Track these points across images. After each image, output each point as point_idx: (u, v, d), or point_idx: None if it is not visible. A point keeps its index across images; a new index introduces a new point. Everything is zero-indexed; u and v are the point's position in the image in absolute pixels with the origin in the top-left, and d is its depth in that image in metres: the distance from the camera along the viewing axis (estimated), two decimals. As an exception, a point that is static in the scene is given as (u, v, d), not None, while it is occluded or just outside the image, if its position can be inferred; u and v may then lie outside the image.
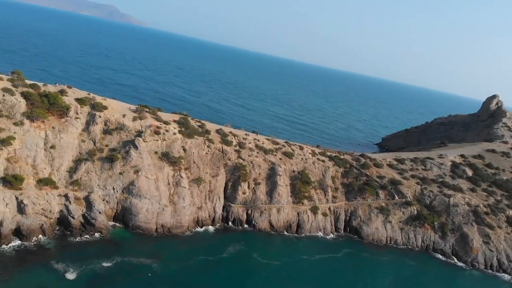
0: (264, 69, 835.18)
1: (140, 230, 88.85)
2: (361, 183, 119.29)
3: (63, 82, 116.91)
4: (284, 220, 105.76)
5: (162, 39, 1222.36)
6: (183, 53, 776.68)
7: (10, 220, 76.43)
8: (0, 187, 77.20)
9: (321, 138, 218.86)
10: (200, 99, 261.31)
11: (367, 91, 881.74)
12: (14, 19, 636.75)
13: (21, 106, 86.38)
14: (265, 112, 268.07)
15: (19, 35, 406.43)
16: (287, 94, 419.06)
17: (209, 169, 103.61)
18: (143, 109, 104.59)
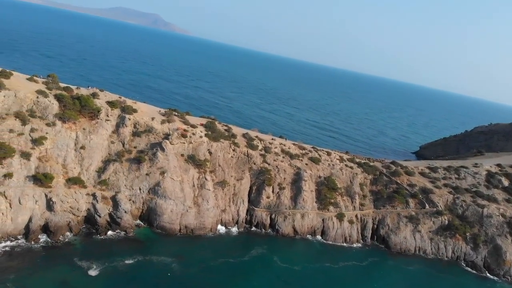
0: (301, 76, 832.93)
1: (164, 230, 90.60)
2: (390, 190, 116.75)
3: (101, 87, 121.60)
4: (308, 225, 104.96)
5: (203, 47, 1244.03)
6: (222, 60, 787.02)
7: (39, 217, 79.81)
8: (31, 185, 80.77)
9: (355, 145, 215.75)
10: (232, 104, 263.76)
11: (406, 98, 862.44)
12: (67, 28, 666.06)
13: (53, 107, 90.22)
14: (298, 118, 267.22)
15: (68, 42, 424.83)
16: (322, 101, 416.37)
17: (234, 173, 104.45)
18: (172, 113, 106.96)
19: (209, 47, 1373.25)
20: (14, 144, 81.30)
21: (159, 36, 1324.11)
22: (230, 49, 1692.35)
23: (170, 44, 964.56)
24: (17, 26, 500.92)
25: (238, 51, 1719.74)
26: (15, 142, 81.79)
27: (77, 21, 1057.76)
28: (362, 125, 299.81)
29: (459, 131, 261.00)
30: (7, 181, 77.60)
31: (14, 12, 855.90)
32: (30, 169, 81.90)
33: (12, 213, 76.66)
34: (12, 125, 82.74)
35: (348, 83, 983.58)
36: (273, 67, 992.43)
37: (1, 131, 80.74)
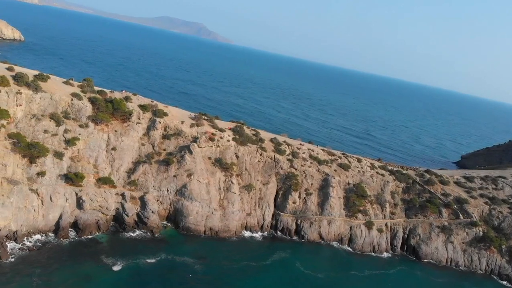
0: (342, 83, 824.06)
1: (189, 231, 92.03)
2: (423, 199, 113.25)
3: (139, 92, 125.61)
4: (335, 232, 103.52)
5: (245, 55, 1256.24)
6: (261, 68, 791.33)
7: (69, 214, 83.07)
8: (62, 183, 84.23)
9: (392, 153, 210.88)
10: (266, 110, 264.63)
11: (452, 106, 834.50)
12: (112, 36, 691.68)
13: (87, 110, 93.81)
14: (332, 124, 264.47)
15: (112, 49, 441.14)
16: (363, 108, 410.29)
17: (261, 177, 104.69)
18: (201, 117, 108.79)
19: (251, 55, 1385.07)
20: (48, 144, 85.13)
21: (202, 45, 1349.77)
22: (272, 57, 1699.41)
23: (212, 52, 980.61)
24: (66, 34, 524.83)
25: (280, 59, 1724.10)
26: (49, 142, 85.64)
27: (123, 30, 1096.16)
28: (401, 133, 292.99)
29: (503, 140, 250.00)
30: (40, 179, 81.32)
31: (65, 20, 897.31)
32: (62, 168, 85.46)
33: (43, 210, 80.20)
34: (47, 125, 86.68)
35: (390, 91, 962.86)
36: (316, 75, 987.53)
37: (36, 131, 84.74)
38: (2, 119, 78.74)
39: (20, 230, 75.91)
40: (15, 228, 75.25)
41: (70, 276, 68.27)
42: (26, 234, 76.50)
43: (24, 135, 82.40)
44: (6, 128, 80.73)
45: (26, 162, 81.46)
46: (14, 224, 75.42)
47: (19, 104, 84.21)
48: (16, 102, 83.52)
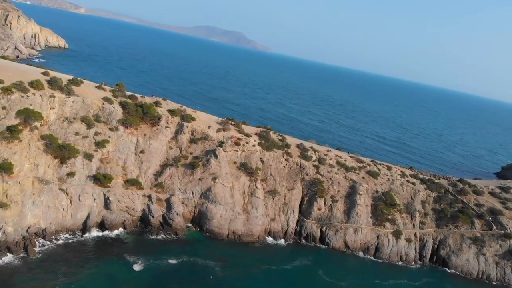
0: (384, 92, 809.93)
1: (213, 234, 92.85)
2: (455, 210, 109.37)
3: (173, 98, 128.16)
4: (361, 241, 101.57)
5: (283, 63, 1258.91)
6: (302, 76, 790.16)
7: (96, 214, 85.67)
8: (91, 184, 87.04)
9: (429, 163, 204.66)
10: (299, 117, 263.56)
11: (492, 116, 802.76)
12: (153, 44, 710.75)
13: (117, 113, 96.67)
14: (365, 131, 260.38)
15: (153, 57, 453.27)
16: (403, 116, 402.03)
17: (286, 182, 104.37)
18: (228, 122, 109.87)
19: (288, 63, 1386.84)
20: (78, 145, 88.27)
21: (240, 53, 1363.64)
22: (311, 65, 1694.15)
23: (252, 60, 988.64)
24: (108, 42, 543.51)
25: (318, 66, 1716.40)
26: (79, 144, 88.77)
27: (164, 39, 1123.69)
28: (438, 142, 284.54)
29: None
30: (69, 179, 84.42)
31: (108, 29, 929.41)
32: (92, 169, 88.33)
33: (72, 209, 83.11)
34: (78, 128, 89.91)
35: (428, 98, 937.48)
36: (356, 82, 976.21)
37: (68, 134, 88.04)
38: (35, 121, 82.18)
39: (49, 228, 78.92)
40: (44, 226, 78.30)
41: (93, 274, 70.26)
42: (54, 232, 79.43)
43: (56, 137, 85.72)
44: (39, 130, 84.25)
45: (57, 162, 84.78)
46: (44, 222, 78.52)
47: (52, 107, 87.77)
48: (50, 105, 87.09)
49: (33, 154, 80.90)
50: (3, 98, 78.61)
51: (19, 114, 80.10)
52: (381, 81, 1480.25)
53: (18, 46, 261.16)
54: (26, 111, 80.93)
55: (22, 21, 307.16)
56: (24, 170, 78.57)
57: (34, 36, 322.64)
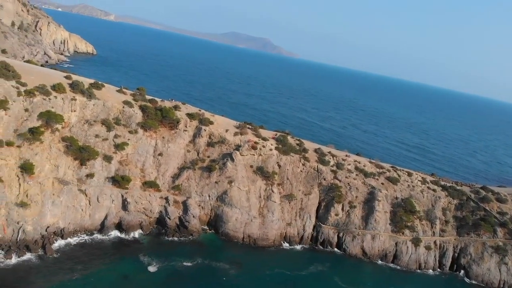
0: (410, 98, 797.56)
1: (228, 237, 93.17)
2: (477, 218, 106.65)
3: (195, 102, 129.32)
4: (379, 248, 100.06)
5: (309, 69, 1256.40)
6: (327, 82, 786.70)
7: (114, 215, 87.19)
8: (109, 185, 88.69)
9: (453, 170, 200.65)
10: (322, 123, 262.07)
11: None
12: (181, 51, 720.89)
13: (137, 117, 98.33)
14: (394, 139, 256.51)
15: (178, 63, 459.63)
16: (427, 122, 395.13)
17: (302, 187, 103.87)
18: (245, 126, 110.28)
19: (314, 69, 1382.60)
20: (98, 147, 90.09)
21: (265, 59, 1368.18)
22: (336, 71, 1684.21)
23: (276, 66, 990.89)
24: (135, 48, 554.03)
25: (345, 72, 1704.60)
26: (99, 146, 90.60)
27: (190, 45, 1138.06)
28: (464, 149, 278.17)
29: None
30: (88, 180, 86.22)
31: (136, 36, 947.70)
32: (110, 171, 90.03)
33: (90, 210, 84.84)
34: (99, 131, 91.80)
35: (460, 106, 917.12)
36: (383, 89, 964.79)
37: (88, 136, 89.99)
38: (57, 123, 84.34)
39: (68, 227, 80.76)
40: (63, 226, 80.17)
41: (107, 273, 71.52)
42: (72, 232, 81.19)
43: (77, 139, 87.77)
44: (60, 132, 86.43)
45: (77, 164, 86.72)
46: (62, 221, 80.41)
47: (74, 110, 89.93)
48: (71, 108, 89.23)
49: (53, 156, 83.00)
50: (26, 101, 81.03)
51: (41, 116, 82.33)
52: (406, 87, 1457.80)
53: (47, 51, 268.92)
54: (47, 113, 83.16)
55: (52, 27, 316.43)
56: (45, 171, 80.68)
57: (63, 42, 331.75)
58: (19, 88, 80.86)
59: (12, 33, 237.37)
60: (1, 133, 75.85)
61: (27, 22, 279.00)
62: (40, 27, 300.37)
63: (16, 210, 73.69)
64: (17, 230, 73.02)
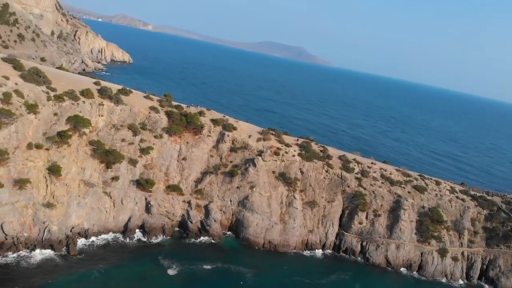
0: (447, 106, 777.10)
1: (249, 242, 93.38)
2: (507, 229, 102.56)
3: (223, 110, 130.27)
4: (403, 258, 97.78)
5: (343, 77, 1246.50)
6: (361, 89, 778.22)
7: (137, 217, 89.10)
8: (134, 188, 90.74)
9: (485, 180, 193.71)
10: (354, 131, 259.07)
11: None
12: (216, 61, 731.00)
13: (162, 122, 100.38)
14: (426, 147, 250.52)
15: (210, 72, 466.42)
16: (462, 131, 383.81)
17: (325, 194, 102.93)
18: (268, 132, 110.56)
19: (348, 77, 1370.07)
20: (124, 151, 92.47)
21: (301, 67, 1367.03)
22: (373, 79, 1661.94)
23: (309, 74, 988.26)
24: (170, 57, 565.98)
25: (382, 80, 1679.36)
26: (125, 150, 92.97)
27: (225, 54, 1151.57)
28: (497, 158, 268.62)
29: None
30: (113, 183, 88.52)
31: (173, 45, 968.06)
32: (135, 174, 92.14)
33: (114, 212, 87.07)
34: (125, 135, 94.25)
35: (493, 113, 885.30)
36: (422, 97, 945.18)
37: (115, 140, 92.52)
38: (84, 127, 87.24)
39: (92, 228, 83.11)
40: (87, 227, 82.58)
41: (127, 274, 73.05)
42: (96, 233, 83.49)
43: (103, 143, 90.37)
44: (88, 136, 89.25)
45: (103, 167, 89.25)
46: (87, 222, 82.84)
47: (101, 115, 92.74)
48: (98, 112, 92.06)
49: (80, 158, 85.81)
50: (55, 105, 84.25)
51: (69, 120, 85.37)
52: (444, 95, 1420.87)
53: (85, 60, 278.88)
54: (75, 117, 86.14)
55: (90, 36, 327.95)
56: (72, 173, 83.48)
57: (101, 51, 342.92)
58: (49, 93, 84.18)
59: (52, 42, 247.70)
60: (31, 136, 79.05)
61: (66, 31, 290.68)
62: (79, 36, 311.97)
63: (42, 210, 76.55)
64: (43, 229, 75.76)
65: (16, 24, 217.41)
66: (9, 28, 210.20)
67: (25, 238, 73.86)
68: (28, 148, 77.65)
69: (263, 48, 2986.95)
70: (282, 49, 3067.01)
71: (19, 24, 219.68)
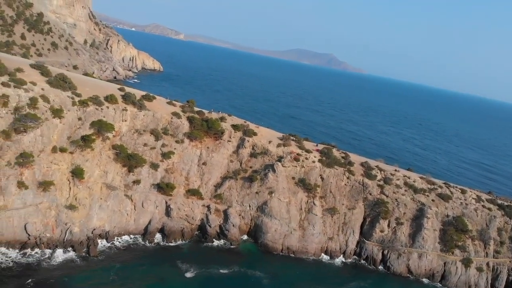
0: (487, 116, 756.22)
1: (267, 248, 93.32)
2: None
3: (246, 116, 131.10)
4: (426, 267, 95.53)
5: (375, 85, 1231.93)
6: (390, 97, 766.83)
7: (157, 220, 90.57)
8: (154, 192, 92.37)
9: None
10: (380, 138, 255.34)
11: None
12: (246, 68, 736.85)
13: (184, 127, 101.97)
14: (455, 156, 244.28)
15: (238, 79, 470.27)
16: (491, 139, 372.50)
17: (346, 201, 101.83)
18: (289, 137, 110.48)
19: (379, 84, 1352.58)
20: (146, 156, 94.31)
21: (330, 74, 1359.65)
22: (404, 86, 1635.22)
23: (338, 82, 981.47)
24: (200, 65, 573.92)
25: (414, 88, 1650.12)
26: (147, 154, 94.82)
27: (254, 62, 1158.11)
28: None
29: None
30: (135, 186, 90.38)
31: (204, 54, 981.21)
32: (156, 178, 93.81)
33: (135, 215, 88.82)
34: (147, 140, 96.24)
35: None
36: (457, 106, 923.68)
37: (137, 144, 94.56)
38: (107, 132, 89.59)
39: (112, 231, 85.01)
40: (108, 229, 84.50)
41: (144, 276, 74.22)
42: (117, 235, 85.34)
43: (126, 147, 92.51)
44: (111, 140, 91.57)
45: (125, 170, 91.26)
46: (108, 225, 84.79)
47: (124, 120, 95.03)
48: (122, 117, 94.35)
49: (103, 162, 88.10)
50: (80, 110, 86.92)
51: (93, 125, 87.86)
52: (481, 104, 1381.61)
53: (116, 68, 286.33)
54: (99, 122, 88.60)
55: (122, 45, 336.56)
56: (94, 176, 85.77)
57: (132, 59, 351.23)
58: (74, 98, 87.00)
59: (84, 50, 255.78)
60: (56, 139, 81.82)
61: (98, 40, 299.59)
62: (111, 45, 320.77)
63: (65, 212, 78.90)
64: (64, 230, 78.03)
65: (50, 33, 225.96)
66: (43, 36, 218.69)
67: (47, 238, 76.26)
68: (52, 152, 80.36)
69: (292, 55, 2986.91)
70: (311, 56, 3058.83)
71: (52, 33, 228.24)
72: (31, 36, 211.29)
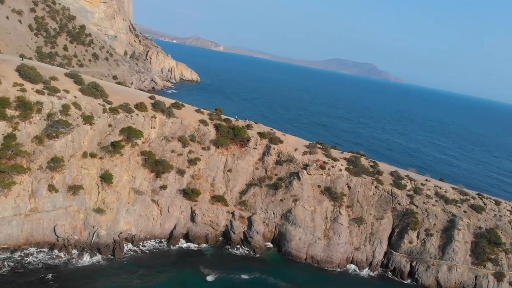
0: None
1: (290, 256, 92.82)
2: None
3: (273, 124, 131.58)
4: (455, 280, 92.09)
5: (414, 94, 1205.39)
6: (429, 106, 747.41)
7: (182, 225, 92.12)
8: (180, 197, 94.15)
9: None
10: (414, 147, 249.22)
11: None
12: (284, 79, 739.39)
13: (211, 134, 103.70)
14: (494, 167, 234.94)
15: (274, 89, 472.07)
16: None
17: (374, 211, 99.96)
18: (315, 145, 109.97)
19: (418, 94, 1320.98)
20: (173, 162, 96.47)
21: (370, 84, 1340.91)
22: (446, 96, 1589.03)
23: (375, 90, 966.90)
24: (238, 76, 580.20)
25: (456, 98, 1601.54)
26: (174, 160, 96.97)
27: (293, 72, 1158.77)
28: None
29: None
30: (161, 191, 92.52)
31: (242, 65, 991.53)
32: (182, 184, 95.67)
33: (161, 219, 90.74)
34: (175, 146, 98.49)
35: None
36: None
37: (165, 151, 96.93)
38: (136, 138, 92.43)
39: (138, 234, 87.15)
40: (135, 233, 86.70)
41: (167, 280, 75.51)
42: (143, 239, 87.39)
43: (154, 153, 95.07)
44: (140, 146, 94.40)
45: (152, 176, 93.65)
46: (134, 229, 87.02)
47: (153, 127, 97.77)
48: (151, 125, 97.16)
49: (132, 167, 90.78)
50: (110, 117, 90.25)
51: (122, 131, 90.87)
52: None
53: (154, 78, 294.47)
54: (128, 129, 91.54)
55: (161, 56, 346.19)
56: (123, 181, 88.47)
57: (170, 70, 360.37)
58: (105, 105, 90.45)
59: (124, 61, 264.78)
60: (86, 145, 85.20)
61: (138, 51, 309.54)
62: (150, 56, 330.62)
63: (93, 215, 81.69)
64: (92, 233, 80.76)
65: (92, 44, 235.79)
66: (85, 48, 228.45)
67: (75, 240, 79.15)
68: (83, 157, 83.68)
69: (332, 65, 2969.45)
70: (351, 66, 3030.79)
71: (94, 45, 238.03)
72: (73, 47, 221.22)
